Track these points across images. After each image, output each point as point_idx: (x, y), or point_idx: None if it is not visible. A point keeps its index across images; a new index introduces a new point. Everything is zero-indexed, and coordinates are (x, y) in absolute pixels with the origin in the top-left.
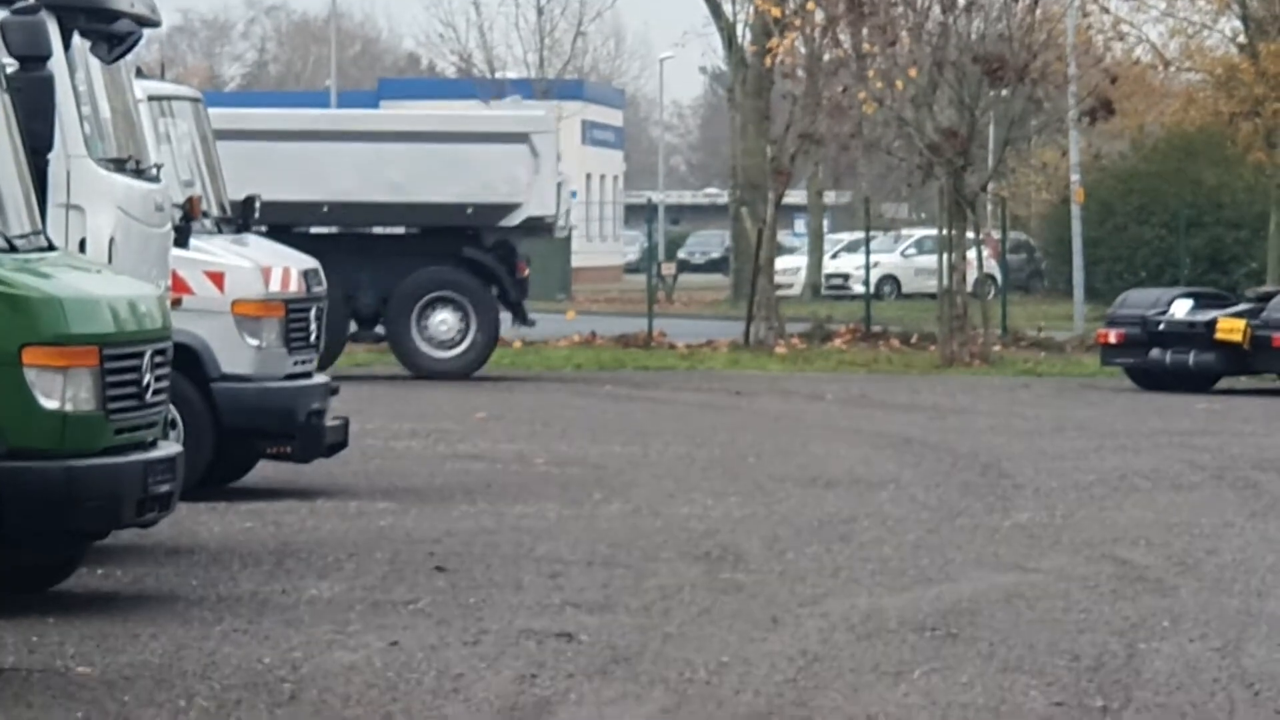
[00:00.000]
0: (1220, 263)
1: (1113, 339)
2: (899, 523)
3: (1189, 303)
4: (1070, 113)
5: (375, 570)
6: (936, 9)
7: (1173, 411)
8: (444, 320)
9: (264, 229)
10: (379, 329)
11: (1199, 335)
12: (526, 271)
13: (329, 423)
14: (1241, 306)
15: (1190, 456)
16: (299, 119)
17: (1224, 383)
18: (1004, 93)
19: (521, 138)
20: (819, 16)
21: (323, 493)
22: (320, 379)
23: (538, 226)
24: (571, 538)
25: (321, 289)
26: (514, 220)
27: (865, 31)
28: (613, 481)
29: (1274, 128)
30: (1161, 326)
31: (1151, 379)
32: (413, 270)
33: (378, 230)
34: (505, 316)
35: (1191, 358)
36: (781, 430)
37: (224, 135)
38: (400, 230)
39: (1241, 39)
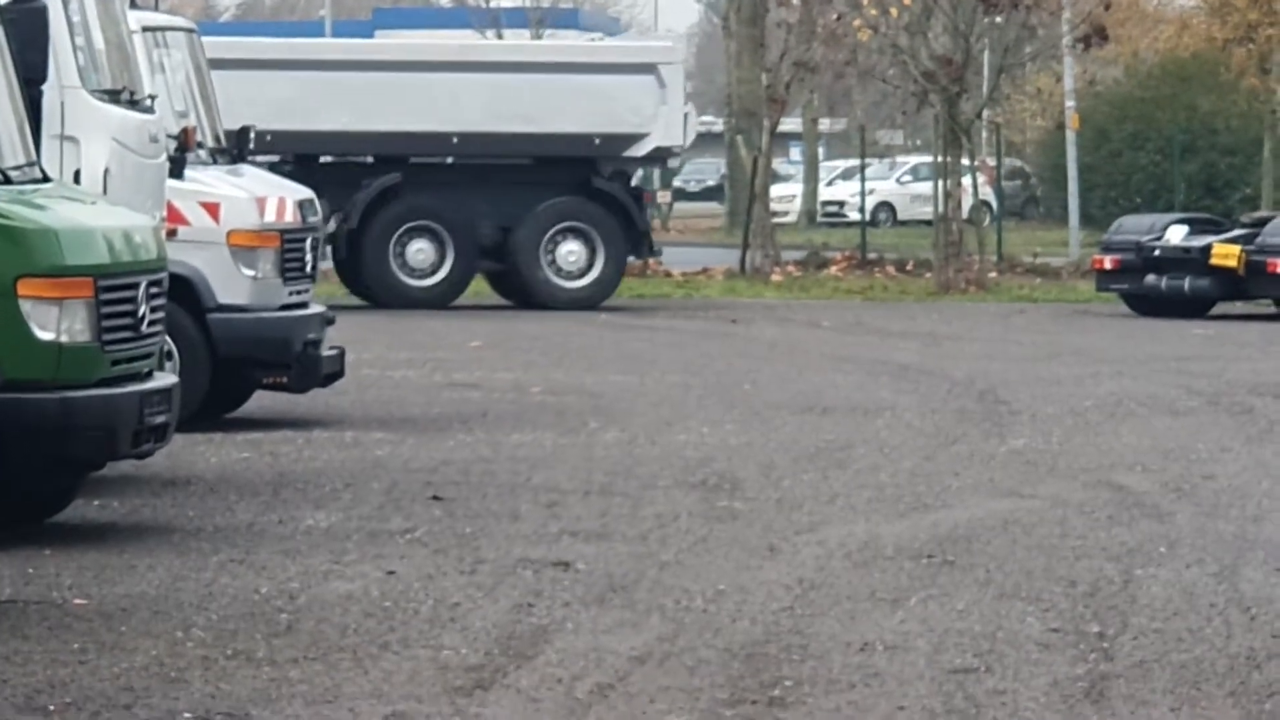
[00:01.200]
0: (1215, 188)
1: (1108, 265)
2: (895, 450)
3: (1184, 228)
4: (1064, 39)
5: (372, 500)
6: None
7: (1168, 337)
8: (572, 251)
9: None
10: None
11: (1194, 261)
12: (652, 200)
13: (325, 353)
14: (1236, 232)
15: (1186, 382)
16: (427, 49)
17: (1219, 308)
18: (998, 19)
19: (649, 68)
20: None
21: (319, 423)
22: (316, 309)
23: (663, 155)
24: (568, 467)
25: (317, 219)
26: (641, 150)
27: None
28: (609, 410)
29: (1268, 53)
30: (1157, 252)
31: (1147, 304)
32: (537, 201)
33: (501, 161)
34: None
35: (1187, 283)
36: (777, 358)
37: (348, 66)
38: (524, 161)
39: None
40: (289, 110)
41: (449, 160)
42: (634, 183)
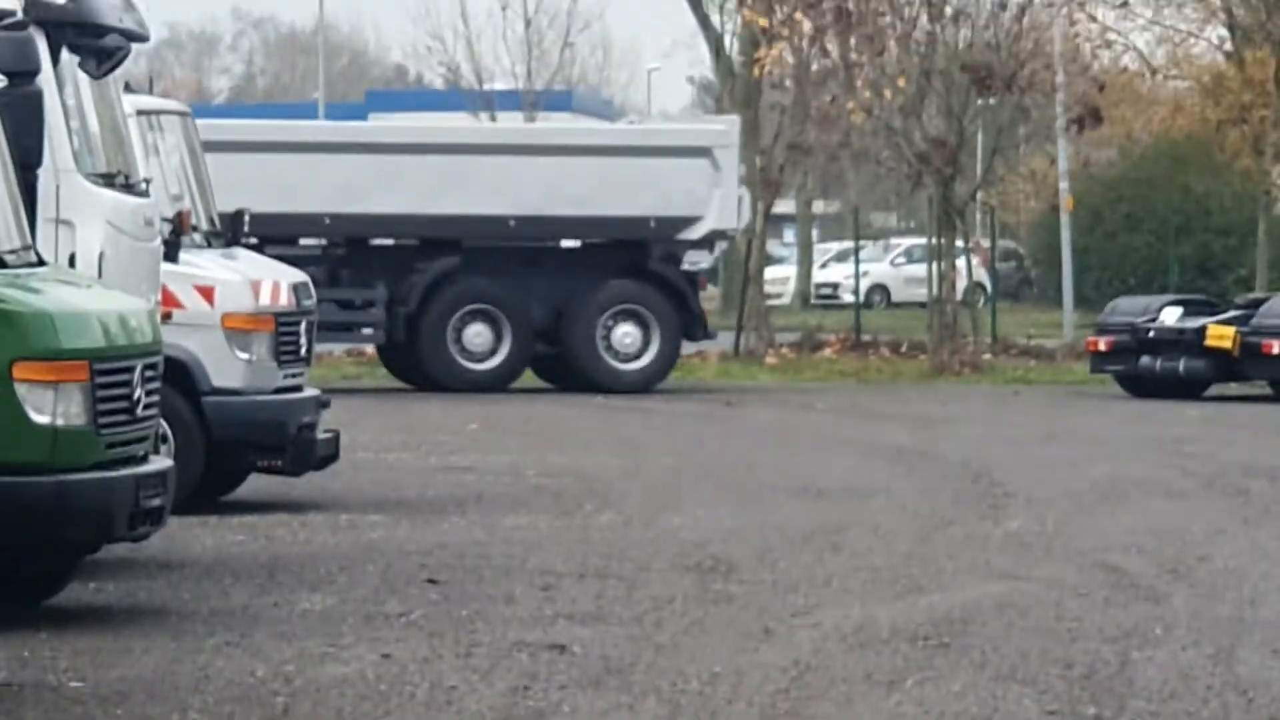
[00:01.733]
0: (1209, 270)
1: (1103, 346)
2: (890, 532)
3: (1178, 310)
4: (1058, 121)
5: (367, 583)
6: (924, 18)
7: (1163, 419)
8: (628, 334)
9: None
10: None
11: (1189, 342)
12: (707, 286)
13: (320, 436)
14: (1231, 313)
15: (1181, 464)
16: (481, 133)
17: (1214, 389)
18: (992, 101)
19: (704, 151)
20: (807, 26)
21: (314, 506)
22: (311, 392)
23: (718, 238)
24: (564, 549)
25: (311, 302)
26: (695, 234)
27: (853, 41)
28: (604, 492)
29: (1261, 134)
30: (1151, 334)
31: (1142, 386)
32: (593, 284)
33: (553, 244)
34: None
35: (1181, 365)
36: (773, 440)
37: (402, 149)
38: (575, 244)
39: (1228, 46)
40: (344, 194)
41: (496, 243)
42: (686, 266)
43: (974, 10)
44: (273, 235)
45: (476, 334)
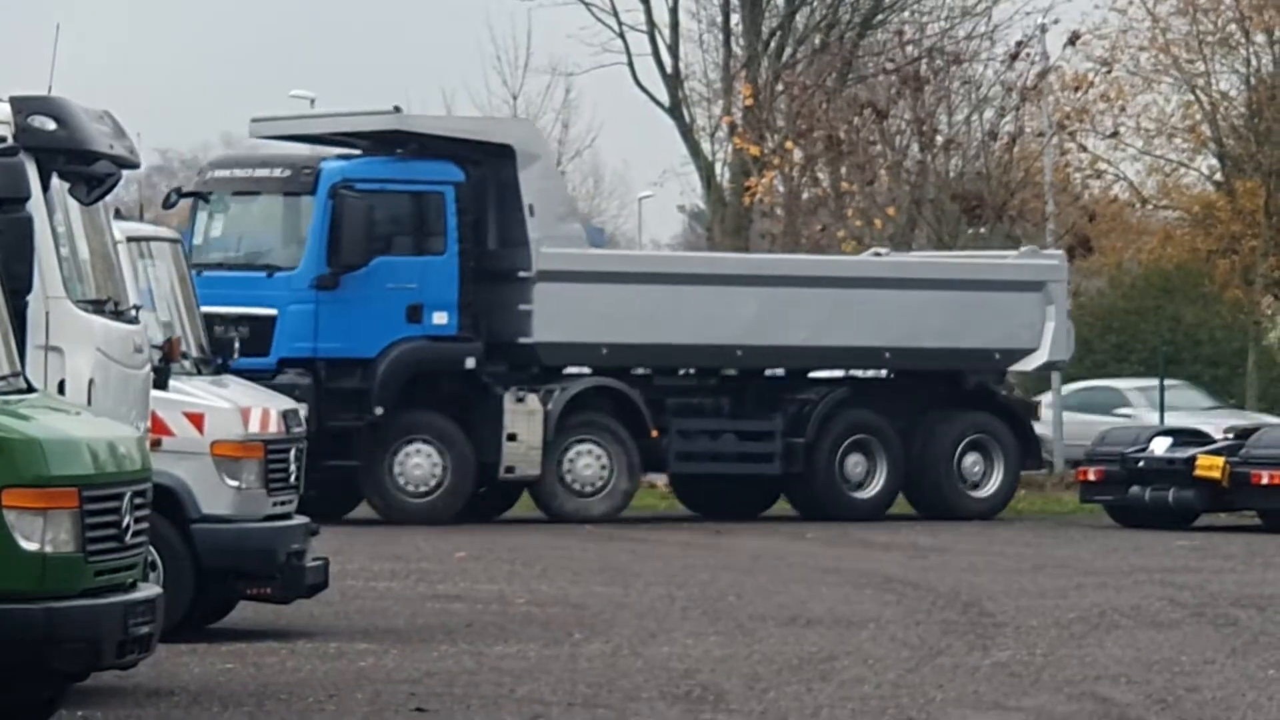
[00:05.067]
0: None
1: (1092, 476)
2: (879, 661)
3: (1168, 440)
4: (1048, 249)
5: (355, 711)
6: (915, 147)
7: (1152, 549)
8: (976, 462)
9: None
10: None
11: (1178, 472)
12: (1039, 415)
13: (309, 563)
14: (1221, 444)
15: (1170, 594)
16: (846, 266)
17: (1203, 520)
18: (982, 230)
19: (1039, 285)
20: (797, 155)
21: (303, 634)
22: (300, 520)
23: (1052, 369)
24: (552, 678)
25: (301, 429)
26: (1031, 364)
27: (844, 170)
28: (593, 621)
29: (1251, 265)
30: (1141, 464)
31: (1131, 516)
32: (946, 414)
33: (909, 375)
34: None
35: (1171, 495)
36: (761, 569)
37: (807, 283)
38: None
39: (1218, 177)
40: (754, 326)
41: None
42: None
43: (965, 140)
44: (680, 365)
45: (855, 464)
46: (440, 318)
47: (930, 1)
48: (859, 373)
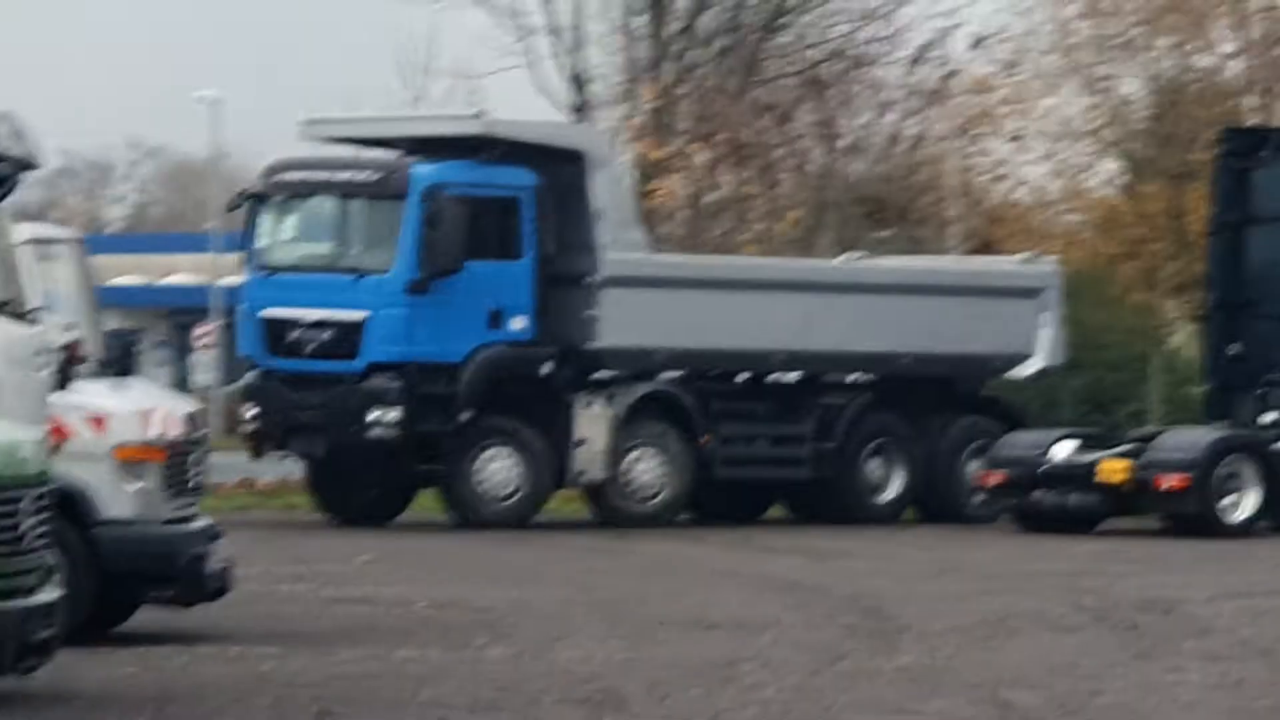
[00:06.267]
0: (1102, 404)
1: (994, 480)
2: (781, 666)
3: (1071, 444)
4: (950, 253)
5: (258, 715)
6: (818, 151)
7: (1055, 553)
8: (977, 466)
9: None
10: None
11: (1081, 476)
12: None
13: (212, 567)
14: (1123, 448)
15: (1073, 598)
16: (872, 272)
17: (1106, 524)
18: (885, 233)
19: (1034, 291)
20: (700, 159)
21: (205, 637)
22: (201, 523)
23: (1044, 376)
24: (455, 682)
25: (203, 432)
26: (1025, 370)
27: (747, 173)
28: (496, 625)
29: (1154, 269)
30: (1044, 468)
31: (1034, 521)
32: (950, 418)
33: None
34: None
35: (1073, 499)
36: (664, 573)
37: (783, 287)
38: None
39: (1122, 180)
40: (802, 330)
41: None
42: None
43: (868, 143)
44: (728, 370)
45: (875, 468)
46: (519, 323)
47: (834, 4)
48: (868, 377)
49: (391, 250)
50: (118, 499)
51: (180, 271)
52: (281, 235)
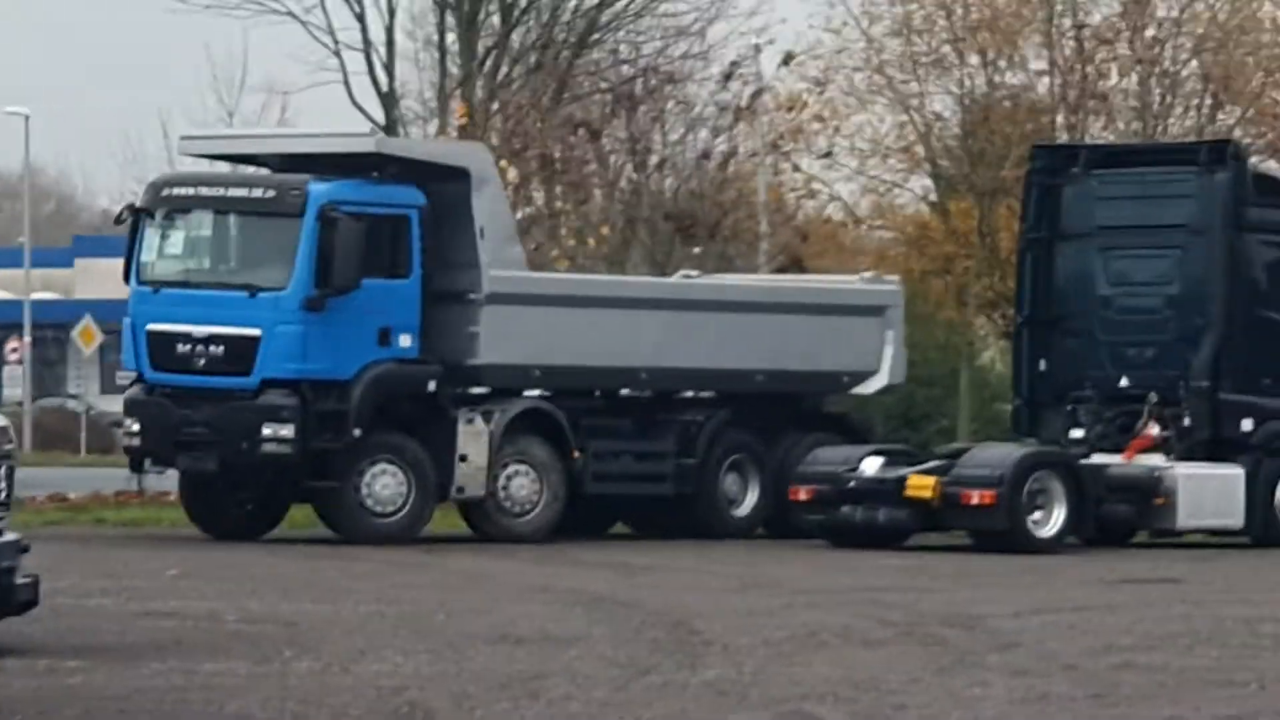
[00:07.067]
0: (912, 420)
1: (803, 495)
2: (588, 679)
3: (879, 460)
4: (761, 270)
5: None
6: (629, 168)
7: (864, 568)
8: None
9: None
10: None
11: (889, 492)
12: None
13: (19, 580)
14: (932, 464)
15: (879, 613)
16: (730, 290)
17: (915, 539)
18: (696, 250)
19: (879, 310)
20: (512, 174)
21: (11, 651)
22: (10, 536)
23: (888, 392)
24: (261, 695)
25: (11, 446)
26: (870, 388)
27: (558, 189)
28: (303, 639)
29: (964, 285)
30: (852, 484)
31: (843, 536)
32: (798, 434)
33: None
34: None
35: (882, 514)
36: (472, 588)
37: (705, 306)
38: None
39: (932, 197)
40: (658, 349)
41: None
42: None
43: (679, 160)
44: (596, 387)
45: (732, 483)
46: (405, 340)
47: (646, 21)
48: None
49: (287, 267)
50: None
51: None
52: (169, 250)
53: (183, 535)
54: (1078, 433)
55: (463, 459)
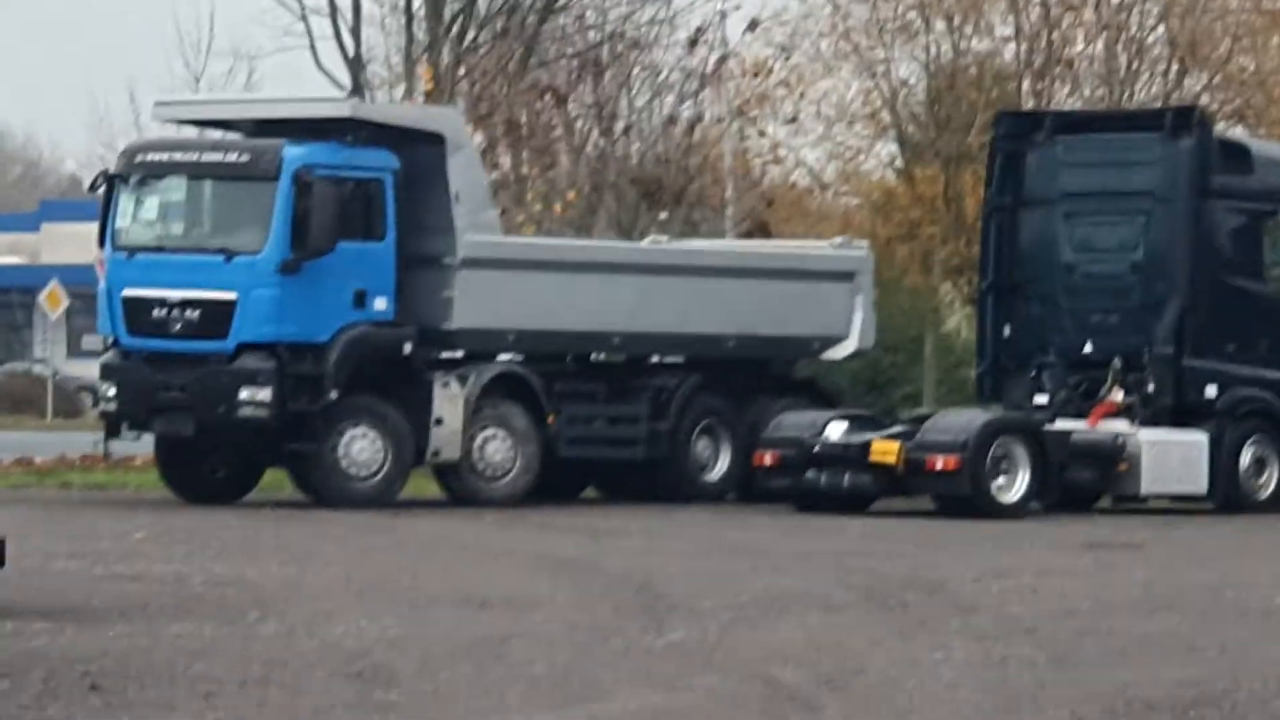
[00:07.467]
0: (877, 385)
1: (768, 460)
2: (552, 643)
3: (844, 425)
4: (727, 235)
5: (29, 690)
6: (595, 133)
7: (828, 533)
8: None
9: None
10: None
11: (854, 457)
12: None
13: None
14: (896, 429)
15: (843, 577)
16: (702, 255)
17: (879, 504)
18: (662, 215)
19: (849, 275)
20: (477, 139)
21: None
22: None
23: (858, 357)
24: (226, 657)
25: None
26: (840, 353)
27: (524, 154)
28: (269, 601)
29: (930, 251)
30: (817, 449)
31: (807, 501)
32: (770, 399)
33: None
34: None
35: (846, 479)
36: (438, 551)
37: (676, 271)
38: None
39: (898, 163)
40: (632, 313)
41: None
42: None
43: (645, 125)
44: (569, 351)
45: (704, 448)
46: (381, 303)
47: None
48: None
49: (262, 231)
50: None
51: None
52: (144, 215)
53: (149, 499)
54: (1042, 398)
55: (438, 422)
